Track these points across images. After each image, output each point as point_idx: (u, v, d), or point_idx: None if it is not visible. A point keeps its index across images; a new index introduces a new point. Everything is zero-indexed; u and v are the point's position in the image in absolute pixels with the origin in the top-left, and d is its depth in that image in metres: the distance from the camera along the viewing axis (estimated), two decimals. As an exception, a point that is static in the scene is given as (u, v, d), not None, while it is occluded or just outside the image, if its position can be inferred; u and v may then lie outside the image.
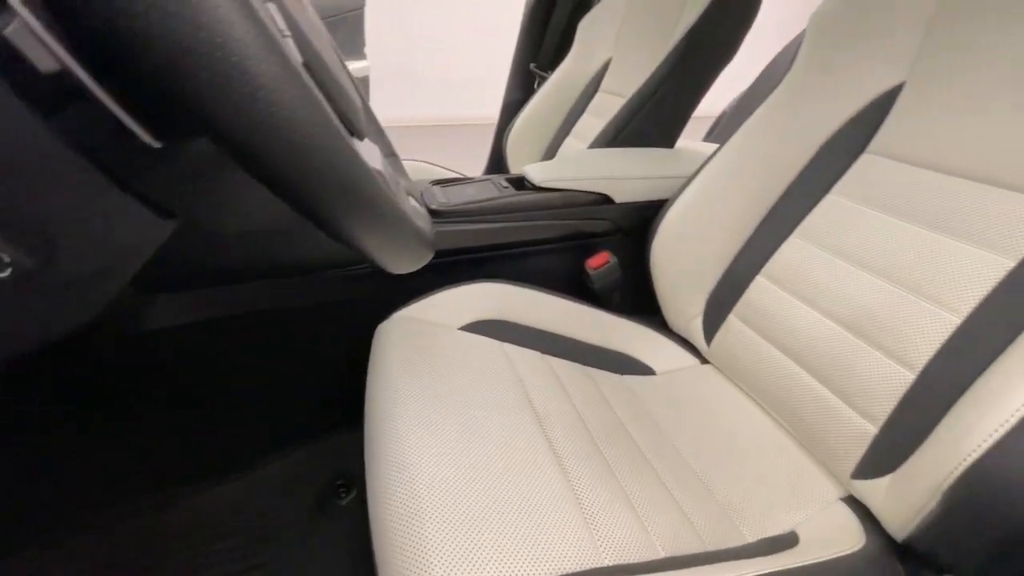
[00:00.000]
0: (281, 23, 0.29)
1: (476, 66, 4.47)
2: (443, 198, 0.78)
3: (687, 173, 0.75)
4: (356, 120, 0.35)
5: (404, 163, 1.37)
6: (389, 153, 0.53)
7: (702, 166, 0.73)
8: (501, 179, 0.84)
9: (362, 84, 2.19)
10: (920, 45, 0.57)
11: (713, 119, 2.02)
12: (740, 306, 0.68)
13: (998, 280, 0.46)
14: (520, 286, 0.70)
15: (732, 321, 0.69)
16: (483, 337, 0.64)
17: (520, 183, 0.82)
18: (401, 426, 0.49)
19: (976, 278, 0.47)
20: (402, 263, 0.36)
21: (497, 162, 1.57)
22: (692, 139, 1.51)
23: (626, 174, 0.80)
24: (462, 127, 4.49)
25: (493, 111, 1.65)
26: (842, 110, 0.63)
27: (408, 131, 4.40)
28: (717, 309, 0.71)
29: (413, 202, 0.45)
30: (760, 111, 0.69)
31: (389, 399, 0.52)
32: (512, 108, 1.53)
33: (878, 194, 0.58)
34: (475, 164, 1.70)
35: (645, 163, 0.85)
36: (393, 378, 0.54)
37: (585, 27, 1.33)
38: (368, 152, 0.35)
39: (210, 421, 0.74)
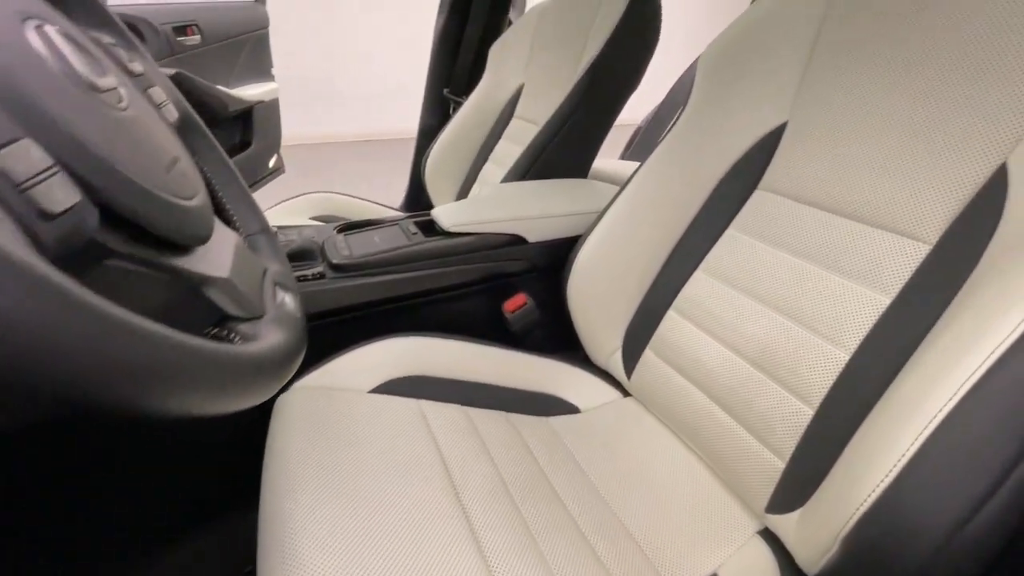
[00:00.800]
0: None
1: (397, 78, 4.41)
2: (346, 250, 0.73)
3: (599, 208, 0.75)
4: (186, 227, 0.30)
5: (313, 196, 1.32)
6: (260, 230, 0.49)
7: (611, 201, 0.73)
8: (411, 223, 0.80)
9: (271, 107, 2.08)
10: (798, 87, 0.61)
11: (635, 126, 2.08)
12: (655, 340, 0.69)
13: (877, 317, 0.49)
14: (435, 337, 0.67)
15: (648, 355, 0.69)
16: (397, 397, 0.61)
17: (430, 226, 0.79)
18: (292, 514, 0.45)
19: (858, 315, 0.50)
20: (260, 393, 0.31)
21: (416, 191, 1.54)
22: (613, 149, 1.54)
23: (538, 213, 0.79)
24: (387, 141, 4.41)
25: (414, 124, 1.60)
26: (734, 147, 0.65)
27: (333, 147, 4.27)
28: (634, 343, 0.71)
29: (282, 295, 0.40)
30: (662, 147, 0.71)
31: (281, 484, 0.48)
32: (428, 134, 1.51)
33: (770, 230, 0.60)
34: (399, 180, 1.65)
35: (557, 200, 0.85)
36: (288, 458, 0.50)
37: (496, 53, 1.33)
38: (209, 257, 0.31)
39: (107, 515, 0.65)
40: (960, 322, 0.40)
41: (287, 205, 1.24)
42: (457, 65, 1.42)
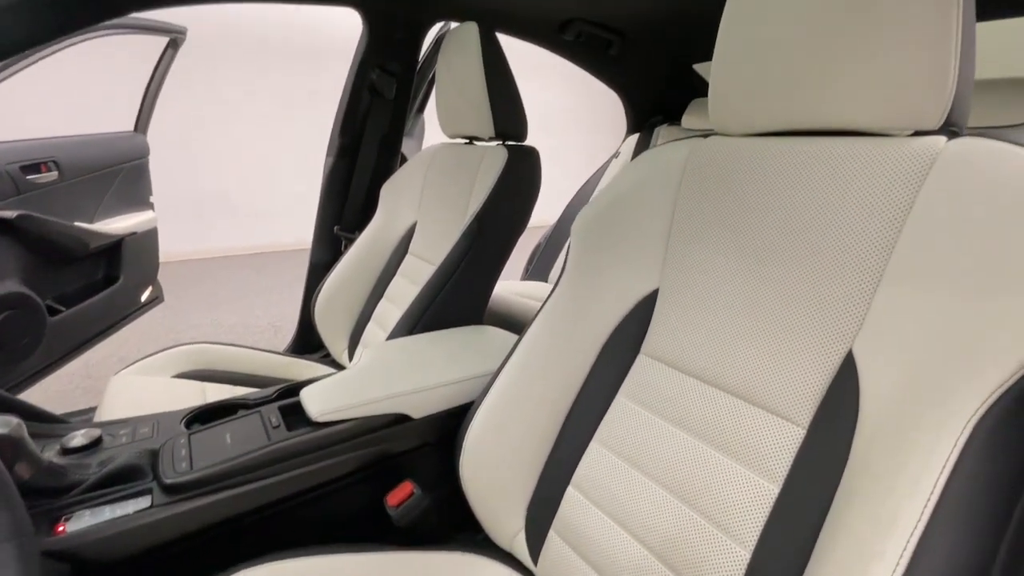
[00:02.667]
0: None
1: (294, 190, 4.39)
2: (186, 461, 0.60)
3: (489, 369, 0.71)
4: None
5: (180, 350, 1.16)
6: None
7: (500, 368, 0.70)
8: (274, 410, 0.70)
9: (146, 237, 1.93)
10: (664, 257, 0.63)
11: (547, 227, 2.13)
12: (557, 522, 0.63)
13: (770, 508, 0.47)
14: (303, 557, 0.56)
15: (553, 539, 0.63)
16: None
17: (298, 411, 0.69)
18: None
19: (753, 506, 0.48)
20: None
21: (306, 333, 1.43)
22: (517, 265, 1.55)
23: (422, 385, 0.73)
24: (282, 253, 4.27)
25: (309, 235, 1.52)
26: (613, 312, 0.65)
27: (226, 261, 4.04)
28: (537, 525, 0.65)
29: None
30: (545, 311, 0.70)
31: None
32: (319, 271, 1.44)
33: (657, 400, 0.59)
34: (294, 289, 1.52)
35: (445, 364, 0.80)
36: None
37: (388, 191, 1.33)
38: None
39: None
40: (848, 530, 0.39)
41: (149, 362, 1.08)
42: (348, 203, 1.41)
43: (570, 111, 5.30)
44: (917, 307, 0.42)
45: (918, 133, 0.47)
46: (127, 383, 1.01)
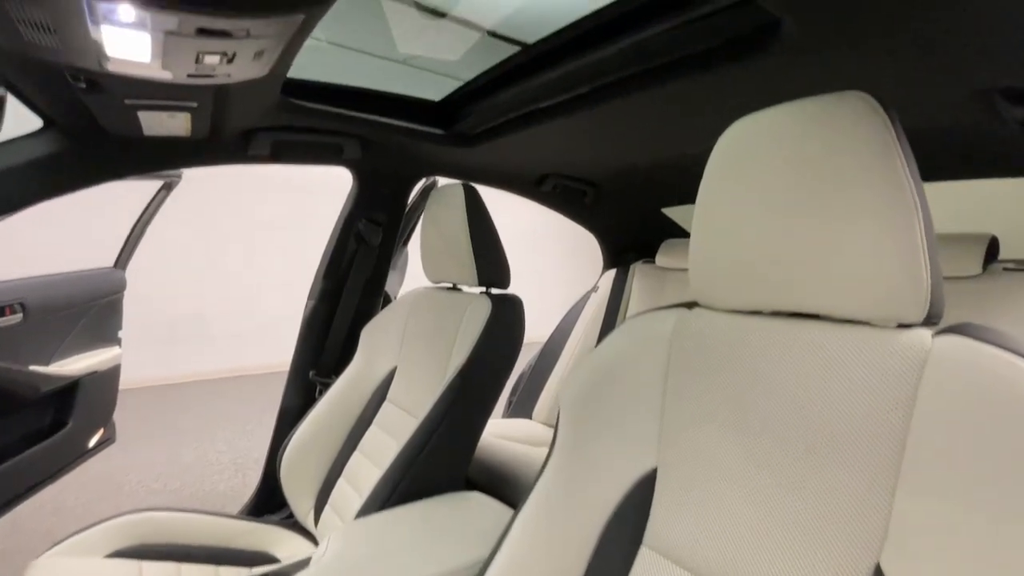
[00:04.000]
0: None
1: (273, 313, 4.34)
2: None
3: (476, 558, 0.63)
4: None
5: (121, 521, 1.03)
6: None
7: (488, 562, 0.62)
8: None
9: (106, 376, 1.83)
10: (660, 433, 0.59)
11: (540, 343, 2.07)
12: None
13: None
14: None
15: None
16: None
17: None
18: None
19: None
20: None
21: (269, 488, 1.31)
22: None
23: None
24: (260, 376, 4.11)
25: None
26: (610, 493, 0.60)
27: (196, 387, 3.84)
28: None
29: None
30: (533, 498, 0.64)
31: None
32: (290, 416, 1.36)
33: (667, 609, 0.52)
34: (266, 416, 1.40)
35: (424, 555, 0.72)
36: None
37: (369, 334, 1.31)
38: None
39: None
40: None
41: (79, 540, 0.94)
42: (326, 347, 1.38)
43: (551, 231, 5.58)
44: (943, 523, 0.39)
45: (901, 325, 0.47)
46: (49, 569, 0.87)
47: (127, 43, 0.54)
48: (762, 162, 0.52)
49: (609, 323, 1.82)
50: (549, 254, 5.87)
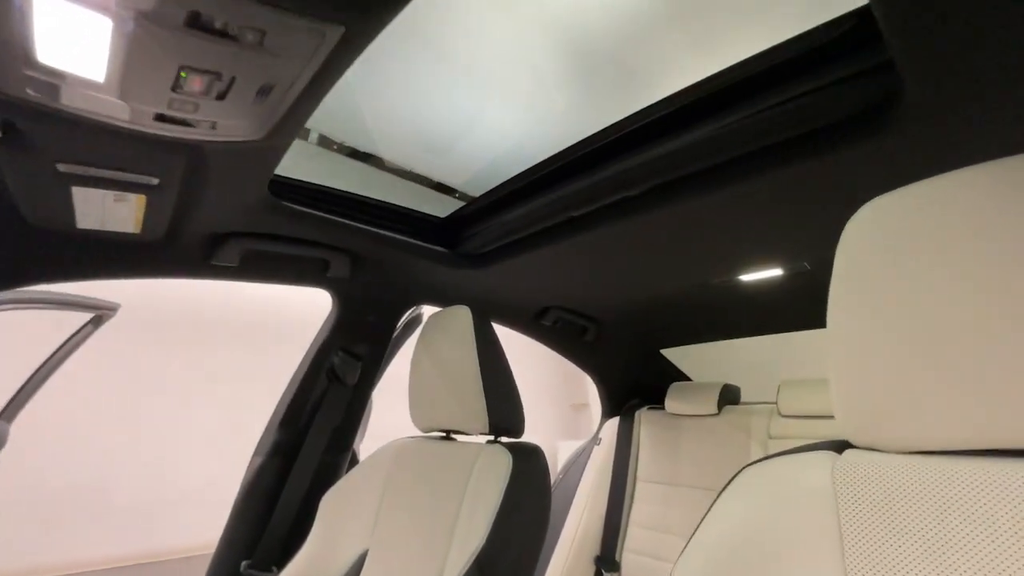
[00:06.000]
0: None
1: (194, 483, 3.62)
2: None
3: None
4: None
5: None
6: None
7: None
8: None
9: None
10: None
11: None
12: None
13: None
14: None
15: None
16: None
17: None
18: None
19: None
20: None
21: None
22: None
23: None
24: (169, 562, 3.24)
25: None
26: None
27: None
28: None
29: None
30: None
31: None
32: (202, 639, 0.93)
33: None
34: None
35: None
36: None
37: (331, 504, 0.98)
38: None
39: None
40: None
41: None
42: (271, 524, 1.02)
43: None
44: None
45: None
46: None
47: (71, 41, 0.36)
48: (944, 248, 0.39)
49: (620, 477, 1.54)
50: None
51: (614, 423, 1.67)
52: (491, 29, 0.68)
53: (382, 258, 1.02)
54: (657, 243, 0.94)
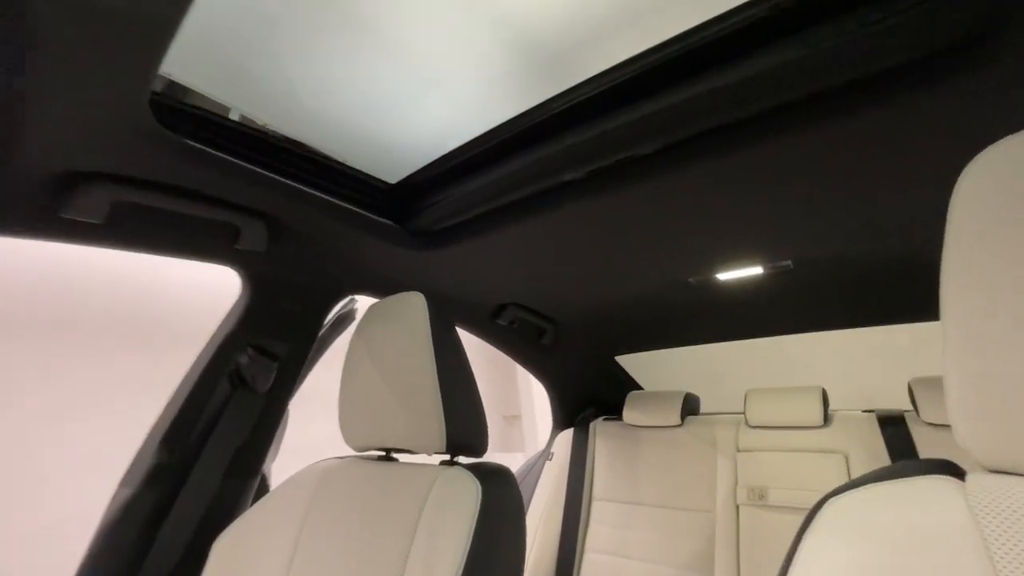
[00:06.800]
0: None
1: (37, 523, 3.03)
2: None
3: None
4: None
5: None
6: None
7: None
8: None
9: None
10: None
11: None
12: None
13: None
14: None
15: None
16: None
17: None
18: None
19: None
20: None
21: None
22: None
23: None
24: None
25: None
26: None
27: None
28: None
29: None
30: None
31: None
32: None
33: None
34: None
35: None
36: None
37: (227, 547, 0.74)
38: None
39: None
40: None
41: None
42: (140, 578, 0.76)
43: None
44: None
45: None
46: None
47: None
48: None
49: (575, 496, 1.39)
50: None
51: (567, 436, 1.52)
52: (424, 5, 0.53)
53: (311, 228, 0.80)
54: (626, 230, 0.81)
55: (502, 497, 0.63)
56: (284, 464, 1.18)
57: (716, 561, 1.13)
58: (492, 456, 0.71)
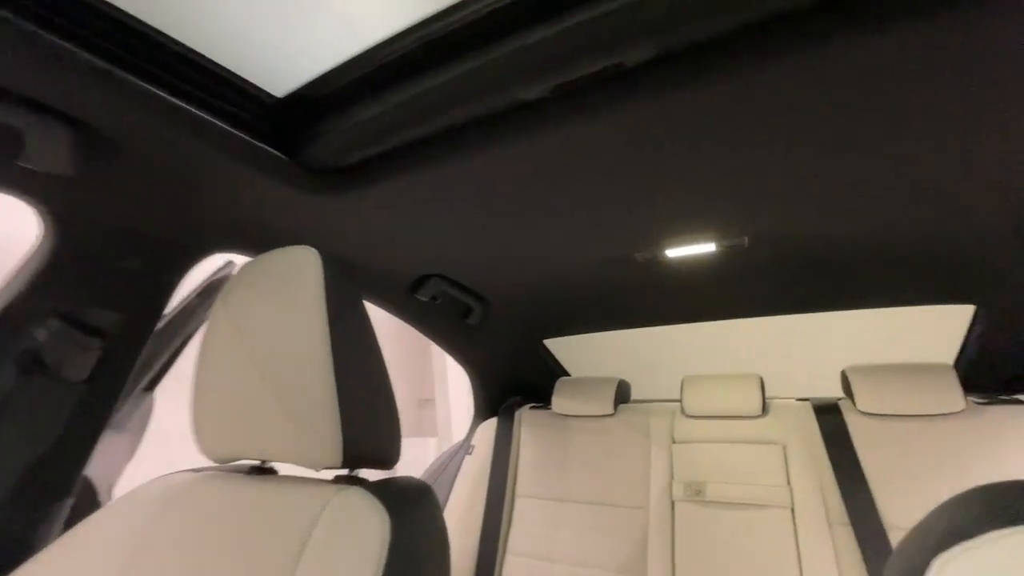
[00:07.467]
0: None
1: None
2: None
3: None
4: None
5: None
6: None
7: None
8: None
9: None
10: None
11: None
12: None
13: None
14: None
15: None
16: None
17: None
18: None
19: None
20: None
21: None
22: None
23: None
24: None
25: None
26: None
27: None
28: None
29: None
30: None
31: None
32: None
33: None
34: None
35: None
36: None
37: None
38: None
39: None
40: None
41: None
42: None
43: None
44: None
45: None
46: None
47: None
48: None
49: (496, 494, 1.25)
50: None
51: (490, 427, 1.37)
52: None
53: (154, 147, 0.56)
54: (569, 187, 0.67)
55: (419, 528, 0.46)
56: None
57: (648, 562, 1.04)
58: (403, 441, 0.53)
